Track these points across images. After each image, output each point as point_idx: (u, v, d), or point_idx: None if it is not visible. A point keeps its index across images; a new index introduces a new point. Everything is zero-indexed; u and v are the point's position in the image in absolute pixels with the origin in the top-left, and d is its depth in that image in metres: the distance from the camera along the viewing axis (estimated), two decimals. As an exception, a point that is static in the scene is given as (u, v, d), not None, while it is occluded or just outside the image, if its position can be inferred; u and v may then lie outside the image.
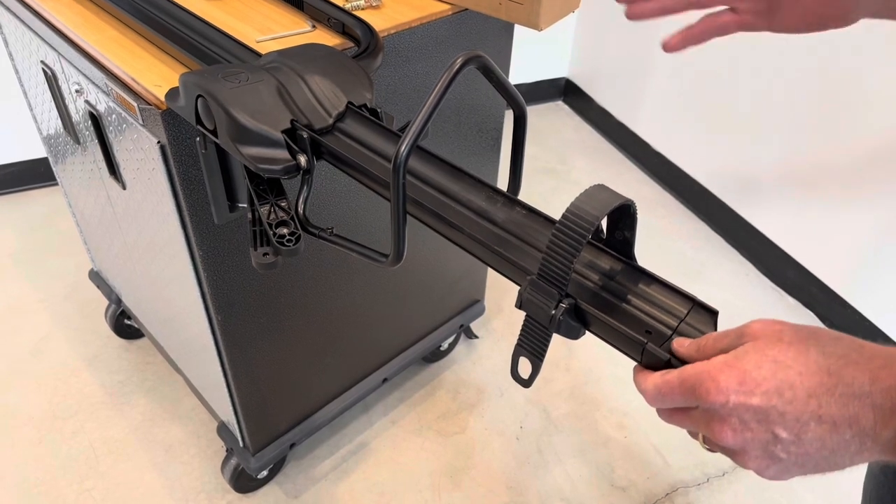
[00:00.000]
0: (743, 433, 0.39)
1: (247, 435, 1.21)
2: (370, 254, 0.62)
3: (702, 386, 0.39)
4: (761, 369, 0.38)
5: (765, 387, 0.38)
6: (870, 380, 0.37)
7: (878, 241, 1.62)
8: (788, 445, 0.38)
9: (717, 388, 0.39)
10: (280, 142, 0.66)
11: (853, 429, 0.37)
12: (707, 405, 0.39)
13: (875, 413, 0.37)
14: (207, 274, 0.94)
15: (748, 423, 0.39)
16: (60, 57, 0.98)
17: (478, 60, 0.52)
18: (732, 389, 0.38)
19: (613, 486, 1.43)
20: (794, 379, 0.38)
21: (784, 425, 0.38)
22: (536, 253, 0.53)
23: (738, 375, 0.38)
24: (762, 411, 0.38)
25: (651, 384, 0.43)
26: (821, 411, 0.37)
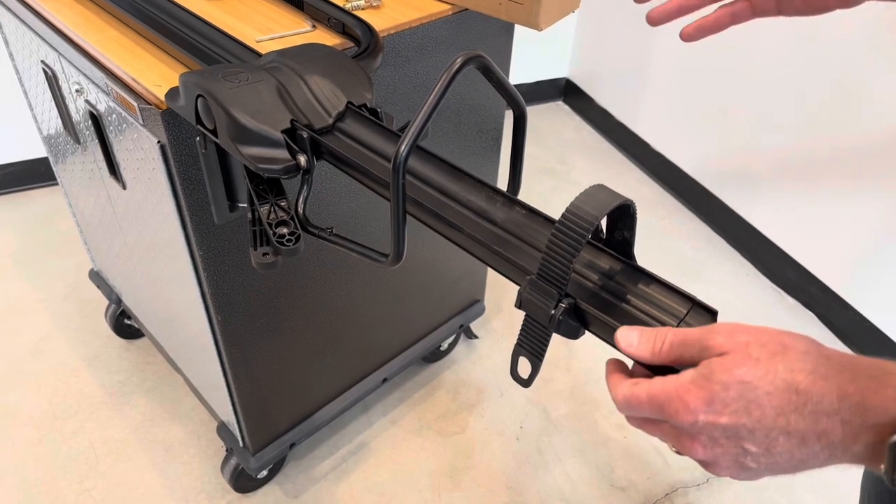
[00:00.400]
0: (713, 448, 0.40)
1: (247, 435, 1.21)
2: (370, 254, 0.62)
3: (670, 405, 0.40)
4: (729, 391, 0.38)
5: (733, 407, 0.38)
6: (838, 396, 0.37)
7: (879, 242, 1.62)
8: (758, 457, 0.39)
9: (685, 408, 0.39)
10: (280, 142, 0.66)
11: (822, 442, 0.37)
12: (676, 423, 0.40)
13: (844, 428, 0.37)
14: (207, 274, 0.94)
15: (717, 440, 0.39)
16: (61, 57, 0.98)
17: (477, 60, 0.52)
18: (701, 409, 0.39)
19: (613, 486, 1.43)
20: (763, 399, 0.38)
21: (753, 440, 0.38)
22: (536, 253, 0.53)
23: (706, 396, 0.39)
24: (731, 429, 0.38)
25: (621, 395, 0.43)
26: (789, 427, 0.37)
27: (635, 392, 0.42)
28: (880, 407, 0.36)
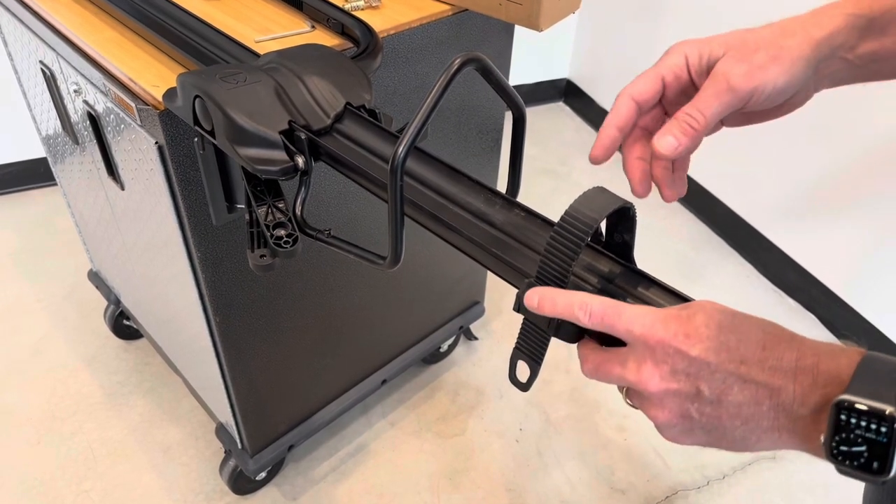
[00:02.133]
0: (669, 382, 0.40)
1: (245, 436, 1.21)
2: (368, 256, 0.62)
3: (652, 325, 0.40)
4: (708, 328, 0.40)
5: (707, 343, 0.39)
6: (796, 357, 0.38)
7: (879, 243, 1.62)
8: (705, 405, 0.40)
9: (665, 330, 0.40)
10: (278, 143, 0.65)
11: (772, 400, 0.38)
12: (648, 343, 0.40)
13: (796, 388, 0.38)
14: (205, 275, 0.94)
15: (677, 374, 0.40)
16: (59, 57, 0.97)
17: (476, 62, 0.52)
18: (678, 338, 0.40)
19: (613, 488, 1.43)
20: (733, 343, 0.39)
21: (710, 382, 0.39)
22: (535, 255, 0.53)
23: (685, 327, 0.40)
24: (696, 364, 0.39)
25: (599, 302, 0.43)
26: (748, 376, 0.39)
27: (618, 305, 0.42)
28: (833, 372, 0.37)
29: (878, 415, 0.35)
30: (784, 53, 0.48)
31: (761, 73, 0.47)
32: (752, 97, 0.48)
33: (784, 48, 0.48)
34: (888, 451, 0.35)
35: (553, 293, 0.45)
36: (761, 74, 0.47)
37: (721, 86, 0.47)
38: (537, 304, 0.46)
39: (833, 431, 0.36)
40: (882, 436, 0.35)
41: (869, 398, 0.35)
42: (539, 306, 0.46)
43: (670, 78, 0.51)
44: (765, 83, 0.47)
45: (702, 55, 0.50)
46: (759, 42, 0.49)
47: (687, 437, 0.42)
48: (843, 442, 0.36)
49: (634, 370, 0.41)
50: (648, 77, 0.51)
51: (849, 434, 0.35)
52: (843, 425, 0.36)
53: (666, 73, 0.51)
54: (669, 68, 0.51)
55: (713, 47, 0.49)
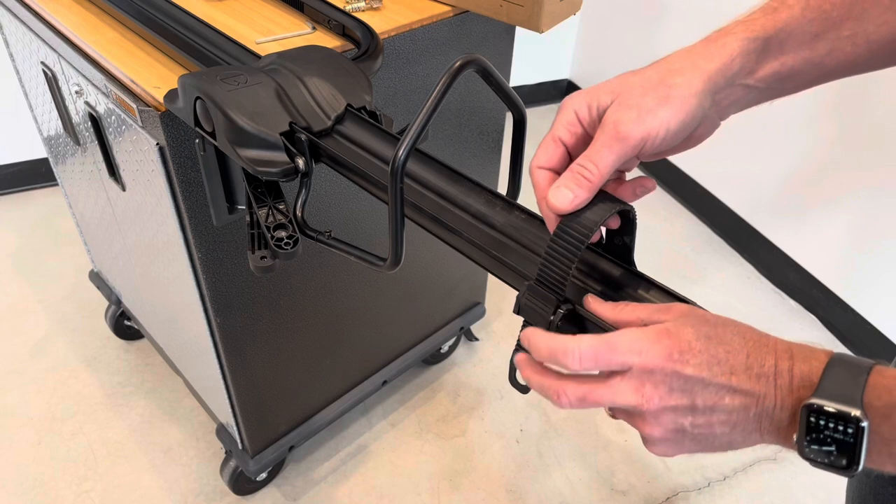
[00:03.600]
0: (667, 401, 0.41)
1: (245, 437, 1.21)
2: (368, 258, 0.62)
3: (647, 349, 0.41)
4: (698, 341, 0.41)
5: (699, 358, 0.40)
6: (775, 362, 0.40)
7: (880, 244, 1.62)
8: (699, 416, 0.41)
9: (660, 351, 0.40)
10: (278, 144, 0.65)
11: (758, 406, 0.40)
12: (646, 368, 0.41)
13: (777, 393, 0.40)
14: (206, 276, 0.94)
15: (674, 392, 0.40)
16: (60, 58, 0.98)
17: (476, 64, 0.52)
18: (674, 357, 0.40)
19: (613, 490, 1.43)
20: (722, 355, 0.40)
21: (704, 396, 0.40)
22: (535, 258, 0.53)
23: (678, 344, 0.40)
24: (692, 381, 0.40)
25: (588, 344, 0.42)
26: (738, 386, 0.40)
27: (609, 340, 0.42)
28: (806, 374, 0.39)
29: (844, 417, 0.37)
30: (674, 93, 0.45)
31: (651, 117, 0.45)
32: (644, 143, 0.45)
33: (673, 87, 0.46)
34: (855, 449, 0.37)
35: (536, 339, 0.45)
36: (651, 119, 0.45)
37: (611, 135, 0.45)
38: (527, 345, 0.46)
39: (804, 432, 0.38)
40: (849, 436, 0.37)
41: (836, 401, 0.37)
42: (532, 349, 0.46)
43: (567, 137, 0.49)
44: (657, 128, 0.45)
45: (590, 107, 0.48)
46: (646, 85, 0.46)
47: (676, 448, 0.43)
48: (813, 441, 0.38)
49: (631, 393, 0.41)
50: (547, 144, 0.50)
51: (819, 434, 0.38)
52: (814, 427, 0.38)
53: (562, 134, 0.49)
54: (564, 127, 0.49)
55: (601, 96, 0.47)
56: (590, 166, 0.46)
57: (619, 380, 0.42)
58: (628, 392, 0.41)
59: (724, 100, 0.50)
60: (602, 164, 0.45)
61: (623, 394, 0.42)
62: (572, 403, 0.44)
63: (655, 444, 0.43)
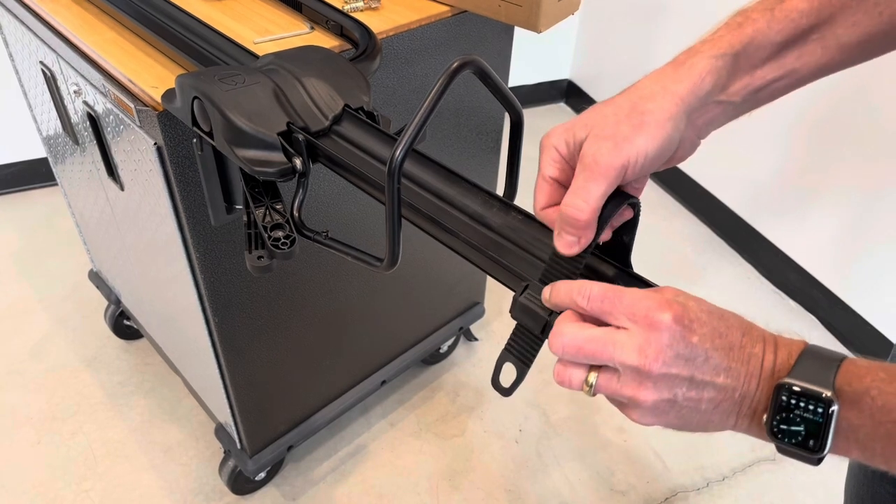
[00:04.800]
0: (670, 367, 0.40)
1: (244, 437, 1.21)
2: (365, 258, 0.62)
3: (658, 307, 0.40)
4: (704, 313, 0.41)
5: (705, 329, 0.40)
6: (762, 345, 0.41)
7: (880, 245, 1.61)
8: (692, 390, 0.40)
9: (672, 314, 0.40)
10: (276, 144, 0.65)
11: (743, 388, 0.41)
12: (653, 325, 0.40)
13: (761, 375, 0.41)
14: (204, 275, 0.94)
15: (678, 359, 0.40)
16: (59, 58, 0.98)
17: (474, 65, 0.52)
18: (683, 322, 0.40)
19: (613, 490, 1.43)
20: (724, 330, 0.41)
21: (703, 369, 0.40)
22: (532, 258, 0.53)
23: (687, 312, 0.40)
24: (696, 351, 0.40)
25: (599, 285, 0.43)
26: (732, 364, 0.40)
27: (619, 288, 0.42)
28: (784, 361, 0.40)
29: (814, 396, 0.38)
30: (647, 119, 0.46)
31: (628, 146, 0.45)
32: (625, 171, 0.45)
33: (646, 113, 0.46)
34: (823, 431, 0.38)
35: (557, 283, 0.46)
36: (628, 148, 0.45)
37: (591, 169, 0.45)
38: (548, 295, 0.47)
39: (774, 411, 0.39)
40: (818, 416, 0.38)
41: (807, 381, 0.39)
42: (545, 296, 0.47)
43: (555, 173, 0.49)
44: (635, 155, 0.45)
45: (568, 142, 0.48)
46: (619, 114, 0.46)
47: (658, 418, 0.42)
48: (783, 421, 0.39)
49: (636, 351, 0.40)
50: (541, 186, 0.51)
51: (789, 414, 0.39)
52: (784, 406, 0.39)
53: (550, 172, 0.50)
54: (549, 165, 0.50)
55: (576, 131, 0.47)
56: (579, 204, 0.45)
57: (624, 333, 0.41)
58: (631, 348, 0.40)
59: (700, 118, 0.50)
60: (590, 198, 0.45)
61: (625, 349, 0.40)
62: (566, 348, 0.43)
63: (640, 410, 0.42)
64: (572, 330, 0.43)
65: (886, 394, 0.38)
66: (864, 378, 0.38)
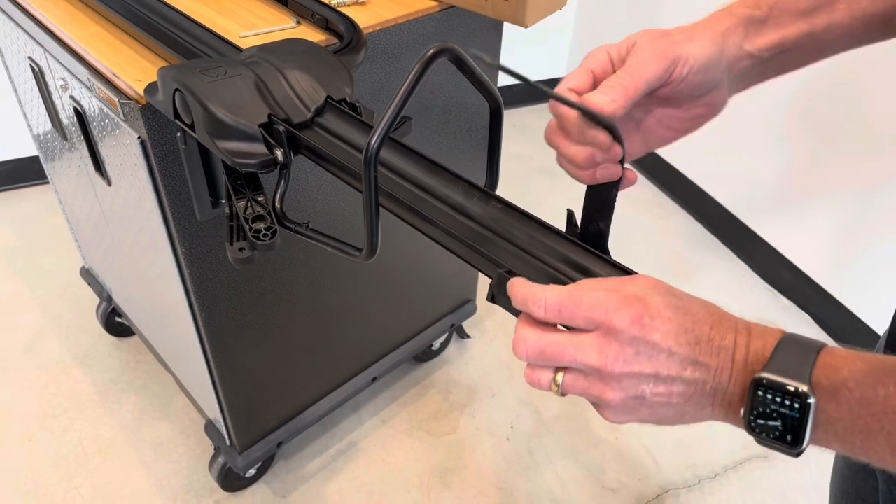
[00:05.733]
0: (632, 365, 0.40)
1: (233, 433, 1.21)
2: (344, 248, 0.62)
3: (616, 308, 0.40)
4: (667, 309, 0.40)
5: (668, 326, 0.40)
6: (734, 337, 0.40)
7: (873, 243, 1.61)
8: (659, 386, 0.40)
9: (630, 314, 0.40)
10: (257, 136, 0.65)
11: (715, 379, 0.40)
12: (612, 328, 0.40)
13: (733, 367, 0.40)
14: (191, 271, 0.94)
15: (640, 356, 0.40)
16: (46, 53, 0.98)
17: (450, 52, 0.51)
18: (643, 321, 0.40)
19: (604, 487, 1.42)
20: (689, 325, 0.40)
21: (668, 364, 0.40)
22: (512, 248, 0.53)
23: (648, 310, 0.40)
24: (658, 348, 0.40)
25: (554, 294, 0.42)
26: (700, 358, 0.40)
27: (575, 292, 0.42)
28: (759, 351, 0.40)
29: (790, 392, 0.37)
30: (697, 34, 0.50)
31: (680, 46, 0.49)
32: (675, 66, 0.49)
33: (695, 30, 0.51)
34: (800, 425, 0.38)
35: (515, 287, 0.45)
36: (681, 48, 0.49)
37: (646, 52, 0.49)
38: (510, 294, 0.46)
39: (751, 406, 0.39)
40: (795, 411, 0.37)
41: (783, 376, 0.38)
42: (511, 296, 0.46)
43: (599, 71, 0.51)
44: (686, 55, 0.49)
45: (620, 48, 0.51)
46: (667, 31, 0.51)
47: (630, 415, 0.42)
48: (760, 416, 0.38)
49: (596, 353, 0.40)
50: (578, 73, 0.52)
51: (765, 409, 0.38)
52: (761, 400, 0.38)
53: (594, 67, 0.51)
54: (596, 62, 0.52)
55: (630, 38, 0.51)
56: (624, 77, 0.48)
57: (584, 336, 0.41)
58: (591, 350, 0.40)
59: (734, 67, 0.53)
60: (637, 74, 0.48)
61: (585, 351, 0.41)
62: (529, 353, 0.43)
63: (610, 409, 0.42)
64: (533, 336, 0.43)
65: (864, 386, 0.37)
66: (842, 370, 0.38)
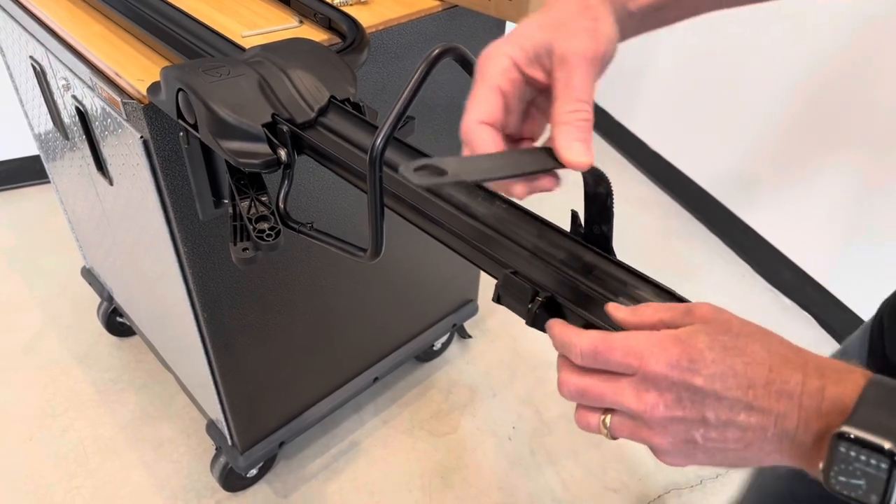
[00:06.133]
0: (674, 411, 0.38)
1: (235, 433, 1.21)
2: (349, 248, 0.62)
3: (651, 353, 0.38)
4: (712, 351, 0.38)
5: (712, 369, 0.37)
6: (802, 380, 0.37)
7: (874, 242, 1.61)
8: (711, 431, 0.38)
9: (667, 359, 0.38)
10: (260, 136, 0.65)
11: (777, 427, 0.37)
12: (648, 374, 0.38)
13: (800, 414, 0.36)
14: (192, 271, 0.94)
15: (683, 402, 0.38)
16: (48, 52, 0.97)
17: (454, 52, 0.51)
18: (682, 365, 0.38)
19: (606, 487, 1.42)
20: (740, 367, 0.37)
21: (716, 409, 0.37)
22: (516, 247, 0.53)
23: (689, 353, 0.38)
24: (702, 392, 0.37)
25: (588, 340, 0.41)
26: (755, 402, 0.37)
27: (608, 338, 0.40)
28: (837, 398, 0.36)
29: (876, 449, 0.34)
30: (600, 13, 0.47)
31: (597, 33, 0.45)
32: (605, 57, 0.46)
33: (595, 7, 0.47)
34: (887, 486, 0.34)
35: (553, 330, 0.45)
36: (598, 36, 0.45)
37: (581, 64, 0.44)
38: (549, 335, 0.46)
39: (831, 462, 0.35)
40: (881, 471, 0.34)
41: (868, 431, 0.34)
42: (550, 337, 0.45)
43: (506, 85, 0.46)
44: (606, 42, 0.46)
45: (524, 48, 0.46)
46: (572, 13, 0.46)
47: (687, 459, 0.40)
48: (841, 472, 0.35)
49: (635, 398, 0.39)
50: (486, 96, 0.47)
51: (848, 466, 0.35)
52: (843, 457, 0.35)
53: (500, 82, 0.46)
54: (501, 75, 0.46)
55: (532, 35, 0.46)
56: (580, 106, 0.44)
57: (622, 381, 0.40)
58: (630, 395, 0.39)
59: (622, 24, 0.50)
60: (587, 96, 0.44)
61: (625, 396, 0.39)
62: (571, 394, 0.42)
63: (663, 453, 0.40)
64: (573, 379, 0.42)
65: None
66: None
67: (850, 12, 1.52)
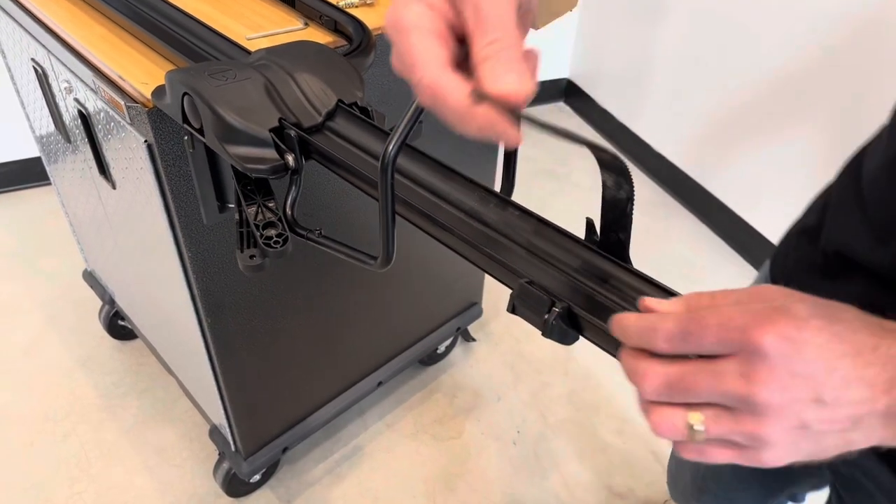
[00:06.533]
0: (789, 390, 0.33)
1: (238, 438, 1.20)
2: (359, 256, 0.60)
3: (754, 325, 0.33)
4: (815, 318, 0.33)
5: (821, 337, 0.33)
6: None
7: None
8: (823, 411, 0.33)
9: (775, 330, 0.32)
10: (268, 141, 0.64)
11: (889, 395, 0.33)
12: (755, 348, 0.33)
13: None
14: (196, 275, 0.93)
15: (796, 379, 0.33)
16: (50, 54, 0.96)
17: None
18: (790, 335, 0.32)
19: (612, 492, 1.41)
20: (844, 332, 0.33)
21: (829, 383, 0.33)
22: (529, 256, 0.52)
23: (794, 321, 0.33)
24: (814, 365, 0.33)
25: (674, 321, 0.35)
26: (866, 370, 0.33)
27: (698, 315, 0.35)
28: None
29: None
30: None
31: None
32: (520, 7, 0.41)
33: None
34: None
35: (624, 323, 0.38)
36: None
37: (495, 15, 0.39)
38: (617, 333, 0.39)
39: None
40: None
41: None
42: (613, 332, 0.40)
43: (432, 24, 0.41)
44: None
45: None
46: None
47: (792, 452, 0.35)
48: None
49: (741, 380, 0.33)
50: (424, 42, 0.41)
51: None
52: None
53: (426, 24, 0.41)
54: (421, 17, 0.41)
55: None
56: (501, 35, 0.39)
57: (722, 362, 0.34)
58: (735, 377, 0.33)
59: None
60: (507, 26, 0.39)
61: (728, 379, 0.33)
62: (657, 388, 0.35)
63: (769, 448, 0.35)
64: (657, 368, 0.36)
65: None
66: None
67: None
